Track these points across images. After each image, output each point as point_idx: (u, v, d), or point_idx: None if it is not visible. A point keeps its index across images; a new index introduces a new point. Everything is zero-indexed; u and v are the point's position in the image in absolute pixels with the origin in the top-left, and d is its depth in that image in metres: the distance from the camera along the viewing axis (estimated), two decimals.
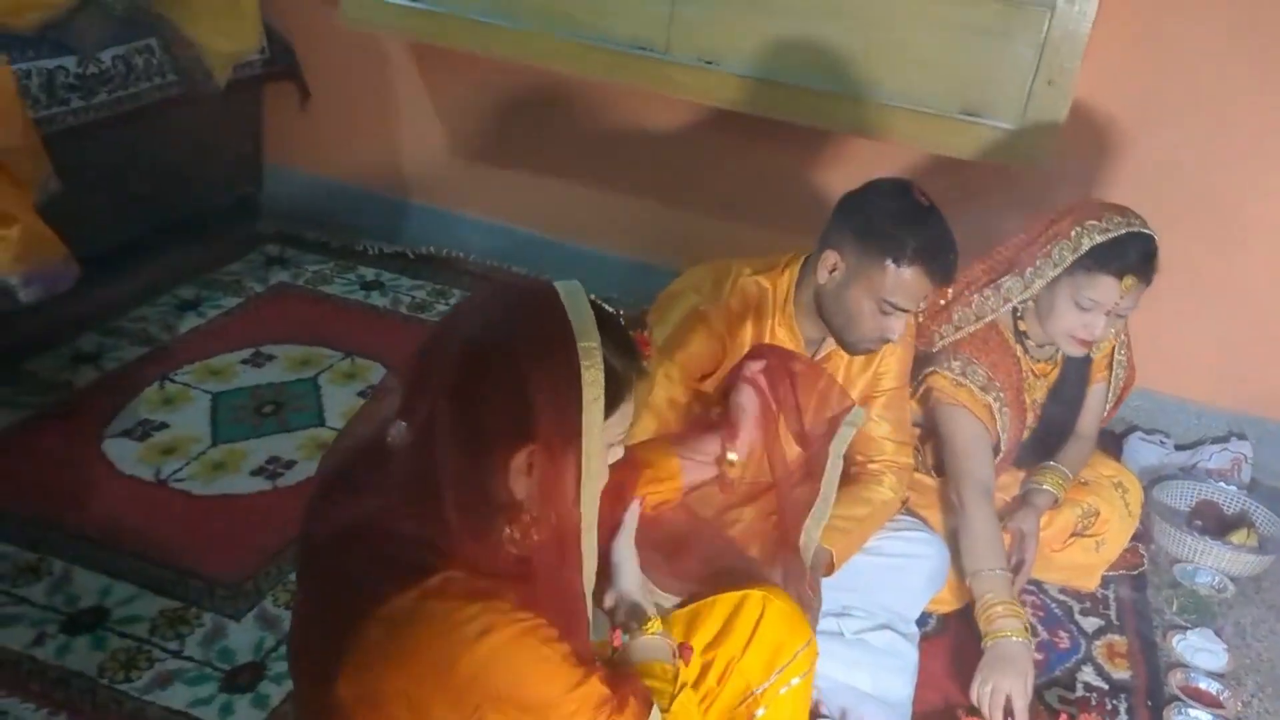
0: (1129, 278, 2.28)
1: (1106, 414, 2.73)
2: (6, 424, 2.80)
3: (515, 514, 1.37)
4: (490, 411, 1.29)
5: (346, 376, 3.18)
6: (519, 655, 1.28)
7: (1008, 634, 2.19)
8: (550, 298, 1.35)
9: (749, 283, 2.20)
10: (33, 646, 2.18)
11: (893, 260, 2.00)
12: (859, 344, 2.13)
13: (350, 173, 3.99)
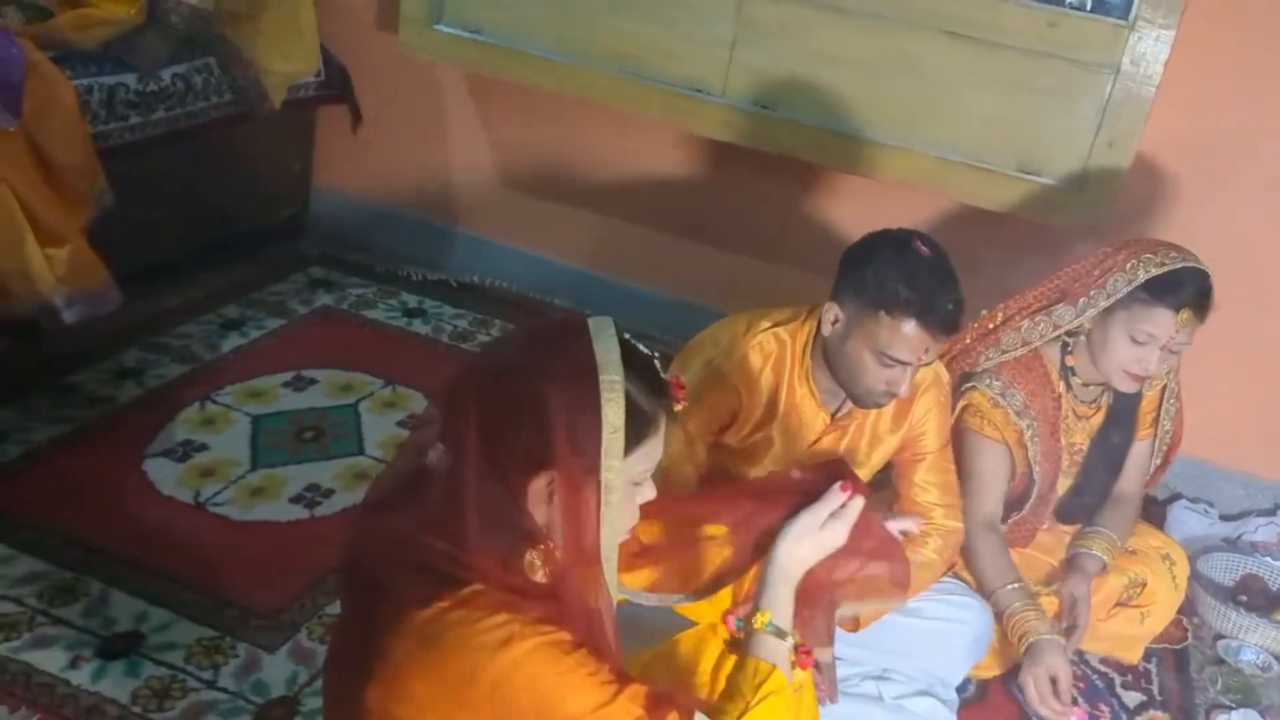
0: (1185, 311, 2.25)
1: (1153, 473, 2.68)
2: (48, 438, 2.80)
3: (537, 540, 1.37)
4: (513, 437, 1.31)
5: (387, 405, 3.17)
6: (542, 667, 1.28)
7: (1041, 633, 2.24)
8: (579, 331, 1.36)
9: (767, 337, 2.17)
10: (68, 670, 2.17)
11: (885, 311, 1.97)
12: (865, 398, 2.09)
13: (398, 198, 4.00)
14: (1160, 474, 2.74)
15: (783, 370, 2.17)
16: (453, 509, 1.31)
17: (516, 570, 1.36)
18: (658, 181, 3.65)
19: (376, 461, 2.91)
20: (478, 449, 1.30)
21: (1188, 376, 3.13)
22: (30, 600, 2.31)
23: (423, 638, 1.28)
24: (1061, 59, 2.91)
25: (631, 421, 1.33)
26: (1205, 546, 3.03)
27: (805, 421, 2.20)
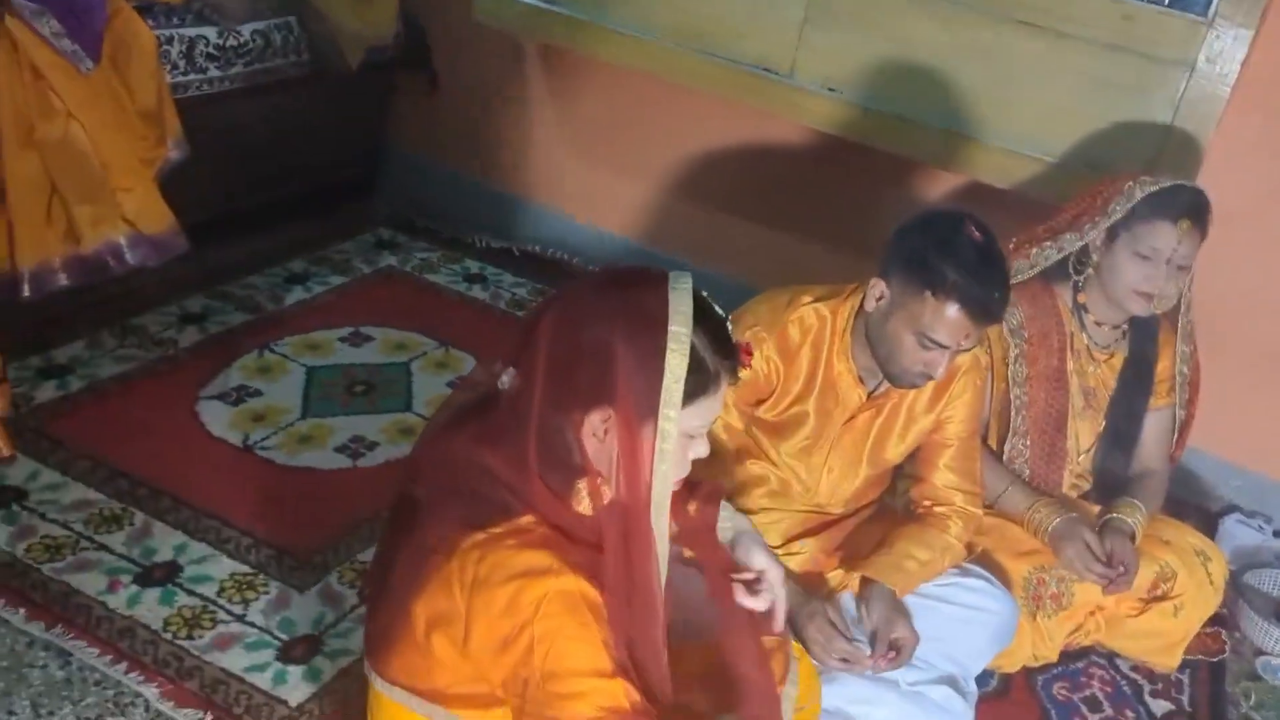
0: (1184, 222, 2.32)
1: (1179, 431, 2.65)
2: (109, 375, 2.90)
3: (587, 473, 1.43)
4: (578, 370, 1.38)
5: (439, 365, 3.22)
6: (565, 612, 1.34)
7: (1056, 518, 2.39)
8: (657, 282, 1.42)
9: (808, 311, 2.17)
10: (105, 593, 2.25)
11: (931, 292, 1.96)
12: (900, 377, 2.08)
13: (468, 165, 4.05)
14: (1186, 430, 2.69)
15: (822, 346, 2.17)
16: (516, 431, 1.39)
17: (566, 504, 1.43)
18: (723, 161, 3.64)
19: (423, 419, 2.96)
20: (545, 377, 1.38)
21: (1250, 392, 3.08)
22: (77, 526, 2.41)
23: (466, 561, 1.36)
24: (1136, 54, 2.85)
25: (693, 374, 1.39)
26: (1255, 560, 2.95)
27: (842, 398, 2.20)
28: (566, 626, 1.34)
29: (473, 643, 1.38)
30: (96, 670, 2.08)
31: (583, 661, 1.35)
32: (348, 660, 2.19)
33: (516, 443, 1.40)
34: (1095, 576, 2.36)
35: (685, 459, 1.48)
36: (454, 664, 1.42)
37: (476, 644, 1.38)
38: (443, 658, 1.42)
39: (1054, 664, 2.50)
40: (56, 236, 2.75)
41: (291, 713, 2.07)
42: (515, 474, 1.40)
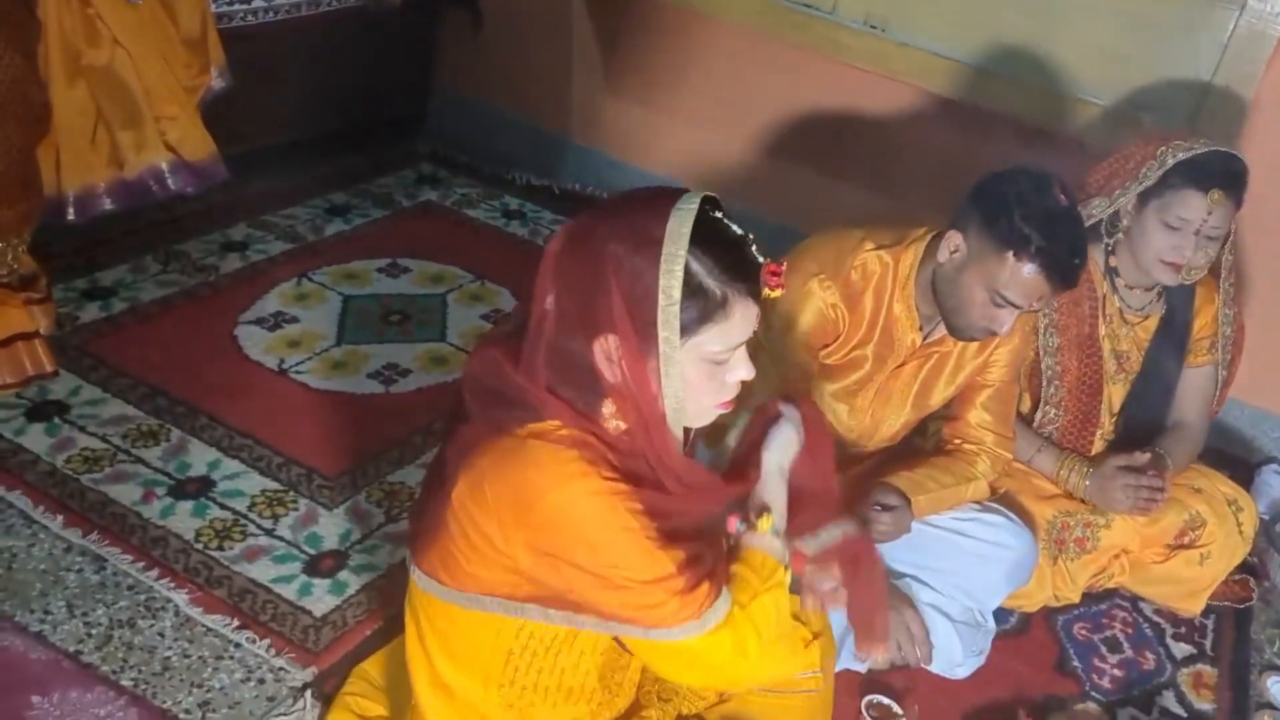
0: (1215, 192, 2.25)
1: (1221, 388, 2.61)
2: (151, 298, 2.97)
3: (611, 394, 1.44)
4: (583, 296, 1.37)
5: (474, 298, 3.25)
6: (599, 509, 1.36)
7: (1085, 480, 2.42)
8: (663, 204, 1.38)
9: (871, 257, 2.15)
10: (140, 504, 2.32)
11: (1013, 253, 1.94)
12: (965, 330, 2.08)
13: (513, 103, 4.06)
14: (1227, 389, 2.65)
15: (884, 292, 2.16)
16: (534, 356, 1.40)
17: (592, 419, 1.43)
18: (764, 101, 3.62)
19: (456, 349, 3.00)
20: (557, 304, 1.38)
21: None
22: (115, 439, 2.47)
23: (506, 453, 1.39)
24: None
25: (695, 298, 1.36)
26: None
27: (897, 344, 2.20)
28: (598, 522, 1.37)
29: (503, 536, 1.41)
30: (129, 575, 2.15)
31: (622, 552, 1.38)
32: (372, 575, 2.25)
33: (537, 367, 1.41)
34: (1144, 503, 2.36)
35: (712, 383, 1.44)
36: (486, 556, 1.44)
37: (506, 537, 1.40)
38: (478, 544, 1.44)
39: (1075, 605, 2.50)
40: (101, 161, 2.81)
41: (315, 622, 2.13)
42: (534, 393, 1.42)
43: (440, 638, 1.55)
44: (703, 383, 1.43)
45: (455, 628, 1.52)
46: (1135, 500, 2.36)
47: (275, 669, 2.02)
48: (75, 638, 2.01)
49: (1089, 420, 2.53)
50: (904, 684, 2.22)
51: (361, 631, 2.12)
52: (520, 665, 1.52)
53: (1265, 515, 2.81)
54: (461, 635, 1.52)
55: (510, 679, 1.53)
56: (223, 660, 2.02)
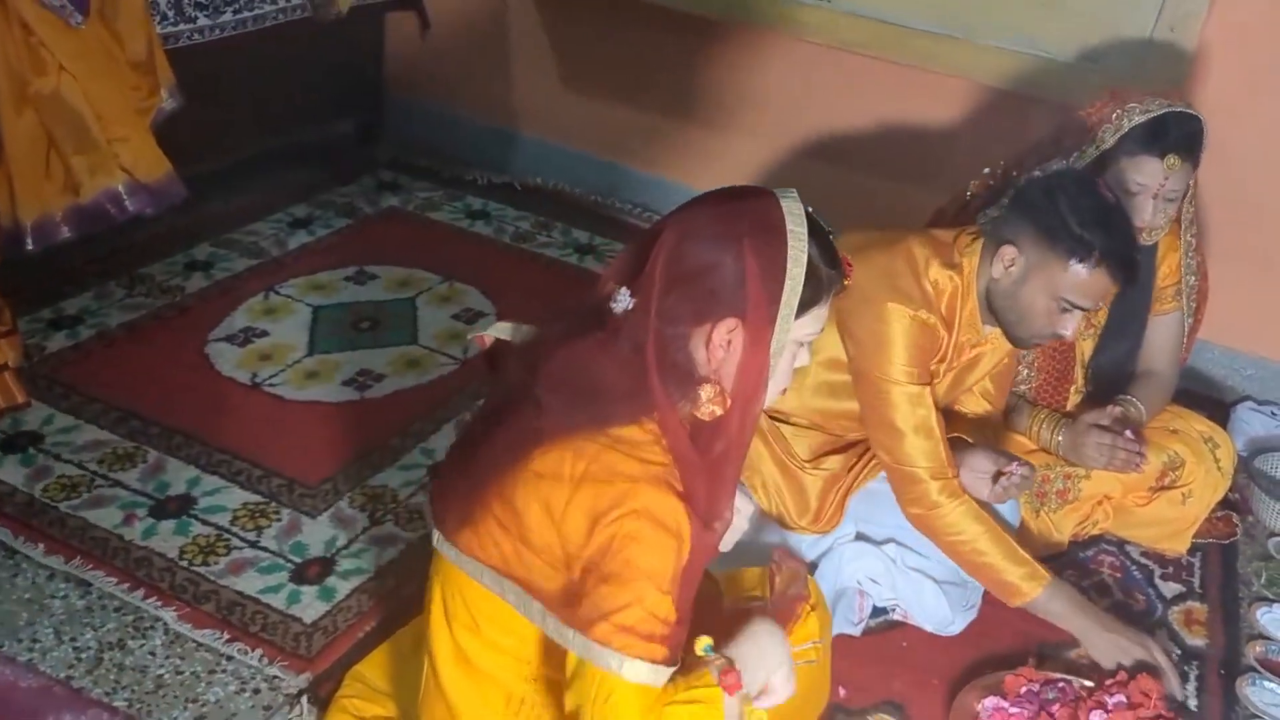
0: (1172, 157, 2.25)
1: (1188, 334, 2.63)
2: (118, 323, 2.96)
3: (712, 383, 1.47)
4: (706, 283, 1.42)
5: (443, 299, 3.25)
6: (654, 526, 1.39)
7: (1058, 434, 2.42)
8: (768, 194, 1.48)
9: (941, 277, 2.11)
10: (121, 526, 2.31)
11: (1078, 261, 1.96)
12: (1029, 340, 2.09)
13: (465, 104, 4.06)
14: (1194, 336, 2.67)
15: (954, 314, 2.14)
16: (633, 345, 1.43)
17: (681, 414, 1.46)
18: (718, 80, 3.63)
19: (428, 351, 3.00)
20: (664, 292, 1.43)
21: (1262, 277, 3.05)
22: (91, 465, 2.46)
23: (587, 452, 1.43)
24: None
25: (809, 281, 1.44)
26: (1266, 445, 2.94)
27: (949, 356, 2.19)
28: (651, 536, 1.39)
29: (565, 526, 1.42)
30: (115, 598, 2.14)
31: (652, 568, 1.39)
32: (361, 579, 2.24)
33: (635, 355, 1.43)
34: (1120, 464, 2.36)
35: (791, 367, 1.53)
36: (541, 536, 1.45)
37: (568, 528, 1.42)
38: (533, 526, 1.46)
39: (1063, 553, 2.52)
40: (55, 189, 2.79)
41: (306, 629, 2.12)
42: (634, 383, 1.43)
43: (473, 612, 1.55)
44: (785, 366, 1.51)
45: (492, 605, 1.53)
46: (1110, 458, 2.36)
47: (269, 678, 2.01)
48: (65, 663, 2.00)
49: (1063, 379, 2.55)
50: (901, 643, 2.23)
51: (353, 635, 2.12)
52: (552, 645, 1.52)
53: (1244, 452, 2.84)
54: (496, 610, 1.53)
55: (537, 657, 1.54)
56: (215, 674, 2.02)
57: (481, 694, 1.56)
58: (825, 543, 2.24)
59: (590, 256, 3.56)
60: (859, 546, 2.22)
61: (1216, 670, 2.28)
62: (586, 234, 3.68)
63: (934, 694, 2.13)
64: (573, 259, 3.54)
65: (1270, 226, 3.03)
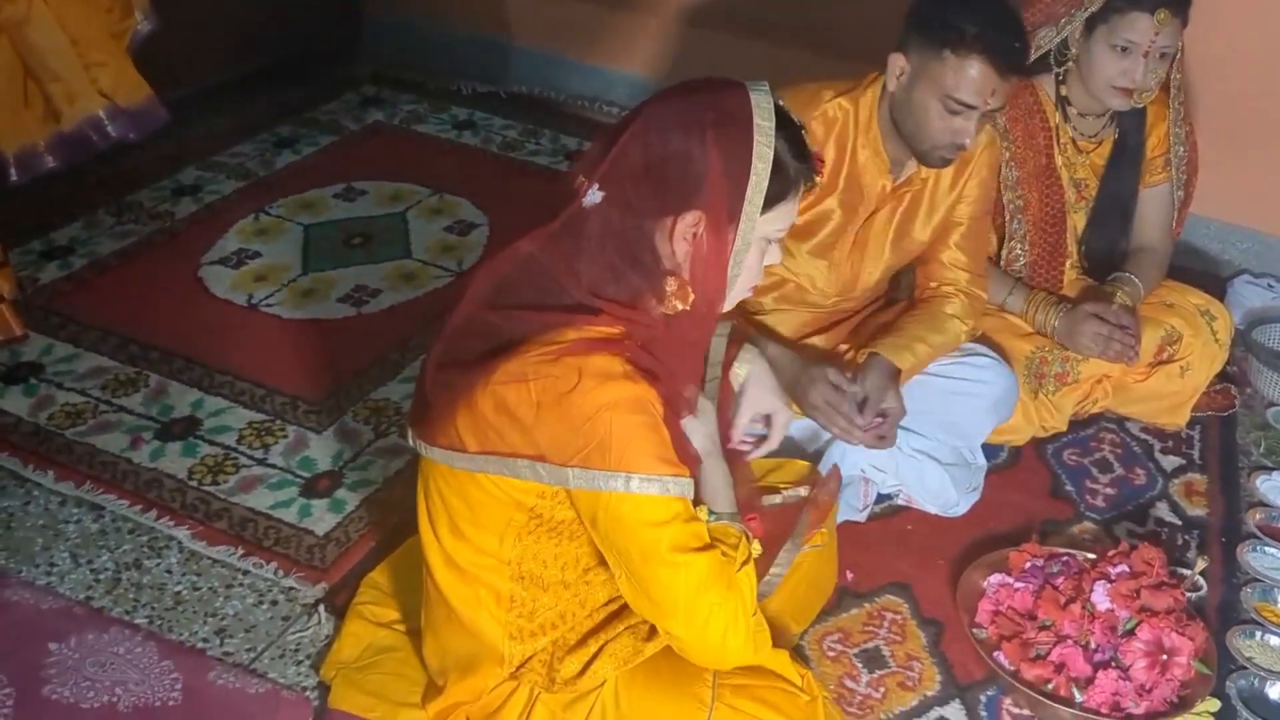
0: (1162, 12, 2.24)
1: (1178, 209, 2.62)
2: (110, 251, 2.95)
3: (673, 273, 1.47)
4: (669, 175, 1.41)
5: (434, 212, 3.23)
6: (630, 414, 1.40)
7: (1055, 318, 2.42)
8: (737, 88, 1.45)
9: (831, 106, 2.13)
10: (128, 450, 2.33)
11: (951, 50, 1.93)
12: (932, 152, 2.06)
13: (447, 12, 3.98)
14: (1185, 208, 2.67)
15: (846, 139, 2.13)
16: (603, 242, 1.42)
17: (637, 307, 1.46)
18: None
19: (422, 264, 2.99)
20: (633, 188, 1.41)
21: (1254, 150, 3.03)
22: (94, 392, 2.47)
23: (548, 349, 1.42)
24: None
25: (775, 176, 1.42)
26: (1263, 317, 2.95)
27: (866, 190, 2.17)
28: (627, 425, 1.40)
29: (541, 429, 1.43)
30: (129, 520, 2.17)
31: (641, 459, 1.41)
32: (370, 489, 2.27)
33: (602, 248, 1.43)
34: (1114, 354, 2.37)
35: (760, 263, 1.51)
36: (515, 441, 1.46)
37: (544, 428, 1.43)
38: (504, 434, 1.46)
39: (1063, 433, 2.54)
40: (36, 118, 2.75)
41: (319, 541, 2.15)
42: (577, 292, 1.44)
43: (451, 516, 1.56)
44: (753, 262, 1.49)
45: (467, 503, 1.54)
46: (1105, 348, 2.37)
47: (286, 589, 2.05)
48: (84, 585, 2.03)
49: (1056, 252, 2.55)
50: (905, 526, 2.27)
51: (365, 544, 2.14)
52: (527, 545, 1.54)
53: (1240, 325, 2.85)
54: (472, 511, 1.54)
55: (518, 558, 1.55)
56: (233, 588, 2.05)
57: (474, 594, 1.58)
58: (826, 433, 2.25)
59: None
60: None
61: (1218, 539, 2.31)
62: (575, 140, 3.64)
63: (939, 574, 2.17)
64: (563, 165, 3.51)
65: (1262, 99, 3.00)
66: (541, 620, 1.60)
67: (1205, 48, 2.73)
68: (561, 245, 1.45)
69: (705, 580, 1.44)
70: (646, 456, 1.40)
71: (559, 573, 1.59)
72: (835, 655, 1.99)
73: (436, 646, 1.69)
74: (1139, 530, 2.32)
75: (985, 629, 2.00)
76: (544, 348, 1.42)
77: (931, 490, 2.26)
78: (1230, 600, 2.16)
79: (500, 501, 1.50)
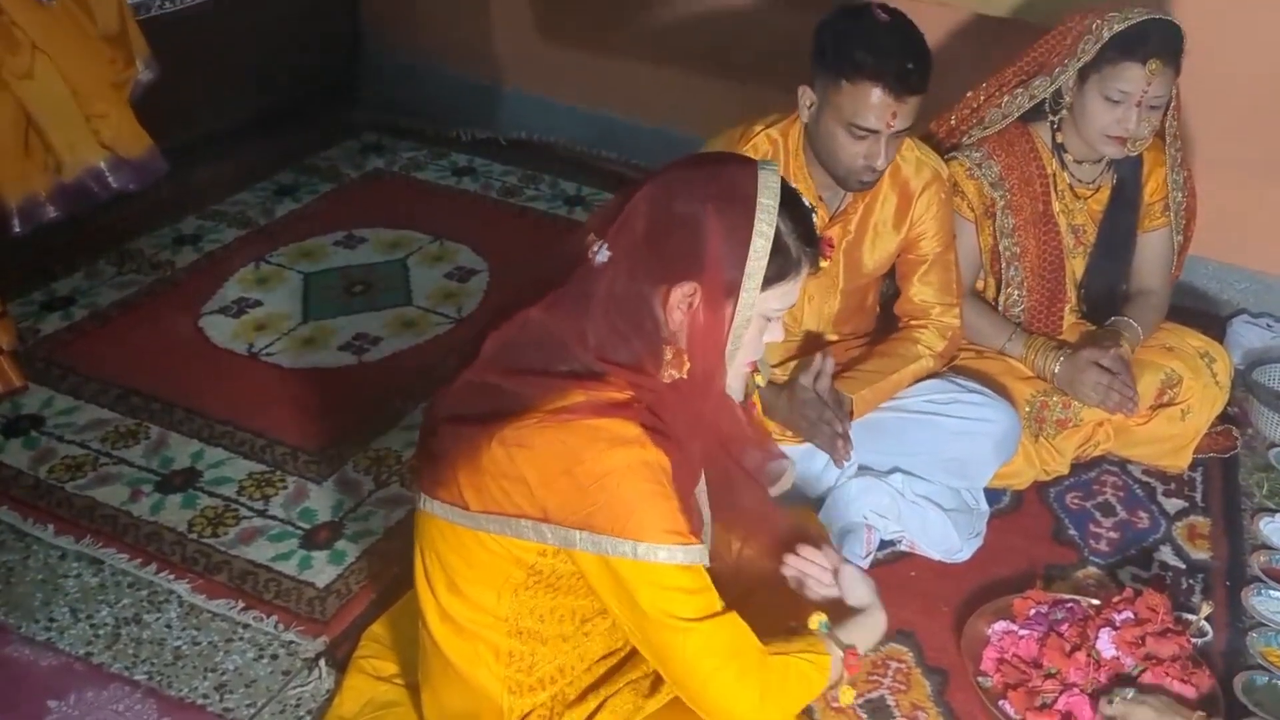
0: (1153, 62, 2.26)
1: (1177, 253, 2.63)
2: (111, 301, 2.96)
3: (671, 343, 1.48)
4: (669, 244, 1.43)
5: (434, 258, 3.24)
6: (638, 479, 1.40)
7: (1055, 363, 2.42)
8: (747, 164, 1.48)
9: (760, 139, 2.20)
10: (129, 503, 2.32)
11: (845, 79, 1.99)
12: (848, 177, 2.12)
13: (445, 60, 4.01)
14: (1184, 253, 2.69)
15: None
16: (607, 304, 1.43)
17: (641, 370, 1.46)
18: (701, 24, 3.59)
19: (423, 311, 3.00)
20: (636, 252, 1.44)
21: (1254, 189, 3.05)
22: (94, 444, 2.47)
23: (557, 412, 1.42)
24: None
25: (776, 256, 1.43)
26: (1263, 357, 2.95)
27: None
28: (635, 490, 1.40)
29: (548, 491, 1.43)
30: (128, 574, 2.16)
31: (652, 524, 1.41)
32: (370, 541, 2.26)
33: (607, 315, 1.44)
34: (1114, 405, 2.38)
35: (760, 340, 1.52)
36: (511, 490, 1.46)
37: (551, 491, 1.43)
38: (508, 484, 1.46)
39: (1065, 476, 2.53)
40: (38, 168, 2.78)
41: (320, 593, 2.14)
42: (582, 355, 1.45)
43: (448, 573, 1.56)
44: (752, 339, 1.50)
45: (465, 560, 1.53)
46: (1104, 398, 2.38)
47: (286, 643, 2.04)
48: (83, 640, 2.02)
49: (1056, 298, 2.56)
50: (909, 572, 2.25)
51: (366, 596, 2.14)
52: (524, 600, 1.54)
53: (1240, 365, 2.85)
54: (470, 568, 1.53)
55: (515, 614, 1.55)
56: (233, 642, 2.04)
57: (473, 649, 1.57)
58: (830, 479, 2.25)
59: (579, 207, 3.55)
60: (864, 481, 2.23)
61: (1223, 582, 2.30)
62: (574, 185, 3.66)
63: (943, 621, 2.15)
64: (562, 211, 3.53)
65: (1256, 139, 3.01)
66: (540, 674, 1.60)
67: (1201, 87, 2.74)
68: (570, 307, 1.46)
69: (709, 647, 1.44)
70: (654, 526, 1.40)
71: (556, 626, 1.58)
72: (840, 706, 1.97)
73: (434, 702, 1.69)
74: (1143, 575, 2.31)
75: (990, 677, 1.98)
76: (552, 410, 1.43)
77: (934, 536, 2.26)
78: (1236, 645, 2.14)
79: (500, 558, 1.49)
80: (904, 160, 2.24)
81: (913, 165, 2.26)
